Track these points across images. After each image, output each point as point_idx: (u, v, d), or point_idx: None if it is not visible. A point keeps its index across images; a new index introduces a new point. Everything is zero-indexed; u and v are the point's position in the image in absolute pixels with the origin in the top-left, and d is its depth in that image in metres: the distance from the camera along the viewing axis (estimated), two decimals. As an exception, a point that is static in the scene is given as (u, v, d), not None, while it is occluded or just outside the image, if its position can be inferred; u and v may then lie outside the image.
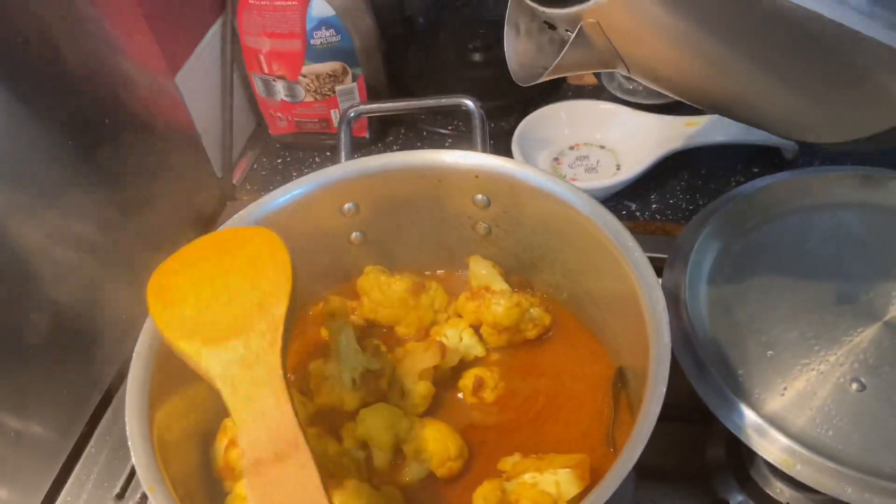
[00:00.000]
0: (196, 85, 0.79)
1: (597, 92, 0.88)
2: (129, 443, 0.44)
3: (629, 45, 0.41)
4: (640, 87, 0.79)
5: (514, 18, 0.47)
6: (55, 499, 0.60)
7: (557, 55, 0.42)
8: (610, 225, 0.53)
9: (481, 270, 0.61)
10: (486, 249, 0.63)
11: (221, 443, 0.53)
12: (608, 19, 0.37)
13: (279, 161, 0.90)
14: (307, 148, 0.89)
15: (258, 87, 0.84)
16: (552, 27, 0.45)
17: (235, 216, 0.56)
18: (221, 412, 0.55)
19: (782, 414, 0.51)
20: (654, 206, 0.79)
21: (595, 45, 0.41)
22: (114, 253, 0.69)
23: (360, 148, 0.86)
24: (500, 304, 0.59)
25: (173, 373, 0.50)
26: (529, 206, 0.58)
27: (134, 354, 0.48)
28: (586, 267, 0.57)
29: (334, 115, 0.84)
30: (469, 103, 0.61)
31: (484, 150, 0.60)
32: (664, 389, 0.42)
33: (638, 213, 0.78)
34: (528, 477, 0.48)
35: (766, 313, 0.58)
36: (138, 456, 0.43)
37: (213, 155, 0.83)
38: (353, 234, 0.63)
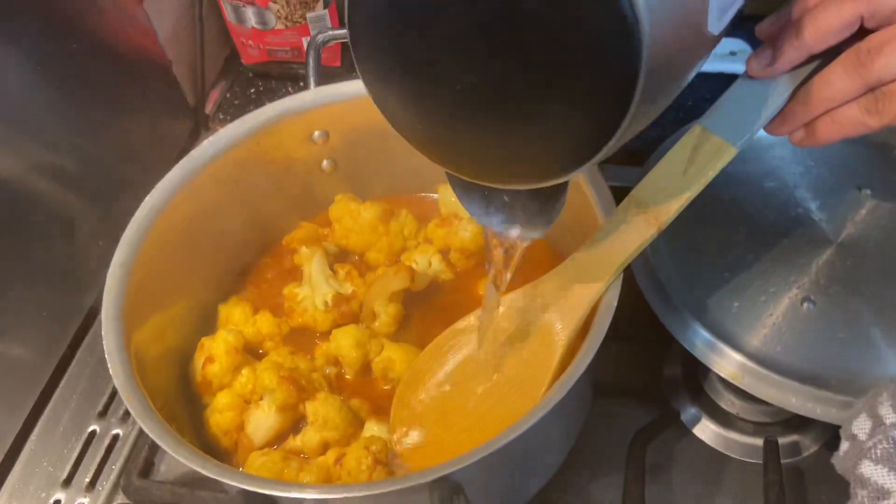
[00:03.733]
0: (165, 11, 0.78)
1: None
2: (107, 357, 0.46)
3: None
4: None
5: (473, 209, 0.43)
6: (38, 418, 0.62)
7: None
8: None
9: (450, 198, 0.62)
10: (454, 175, 0.64)
11: (199, 360, 0.55)
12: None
13: (252, 90, 0.89)
14: (280, 77, 0.89)
15: (228, 14, 0.82)
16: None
17: (205, 143, 0.56)
18: (198, 331, 0.57)
19: (735, 331, 0.54)
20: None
21: None
22: (90, 183, 0.69)
23: (333, 77, 0.85)
24: (467, 230, 0.60)
25: (149, 294, 0.52)
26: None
27: (108, 276, 0.50)
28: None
29: (306, 44, 0.83)
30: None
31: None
32: (611, 313, 0.44)
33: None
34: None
35: (724, 239, 0.60)
36: (115, 369, 0.45)
37: (185, 84, 0.82)
38: (324, 161, 0.63)
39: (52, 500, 0.58)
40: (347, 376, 0.56)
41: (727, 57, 0.78)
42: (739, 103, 0.44)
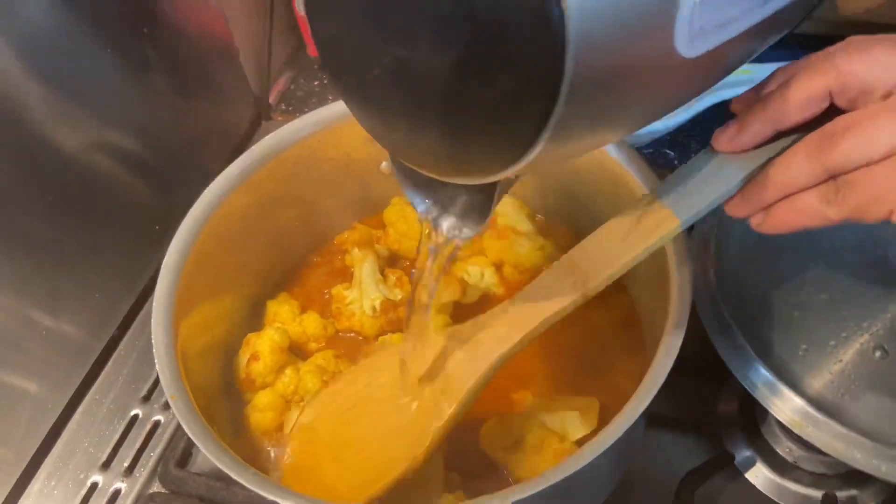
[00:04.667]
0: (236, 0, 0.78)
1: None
2: (155, 353, 0.45)
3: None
4: (692, 30, 0.75)
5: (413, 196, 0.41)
6: (83, 397, 0.63)
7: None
8: (644, 174, 0.51)
9: (509, 210, 0.61)
10: (516, 188, 0.62)
11: (244, 356, 0.54)
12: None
13: (316, 83, 0.89)
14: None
15: (298, 5, 0.82)
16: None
17: (266, 139, 0.56)
18: (245, 327, 0.57)
19: (800, 375, 0.51)
20: (692, 154, 0.76)
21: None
22: (149, 165, 0.70)
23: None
24: (523, 245, 0.59)
25: (200, 287, 0.52)
26: (563, 148, 0.57)
27: (162, 267, 0.50)
28: (613, 211, 0.56)
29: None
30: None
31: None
32: (675, 353, 0.42)
33: (677, 163, 0.76)
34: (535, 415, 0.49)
35: (797, 273, 0.57)
36: (162, 366, 0.45)
37: (251, 71, 0.82)
38: (383, 163, 0.62)
39: (89, 482, 0.58)
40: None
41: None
42: (697, 177, 0.41)
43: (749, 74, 0.76)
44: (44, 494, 0.58)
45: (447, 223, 0.40)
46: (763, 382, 0.50)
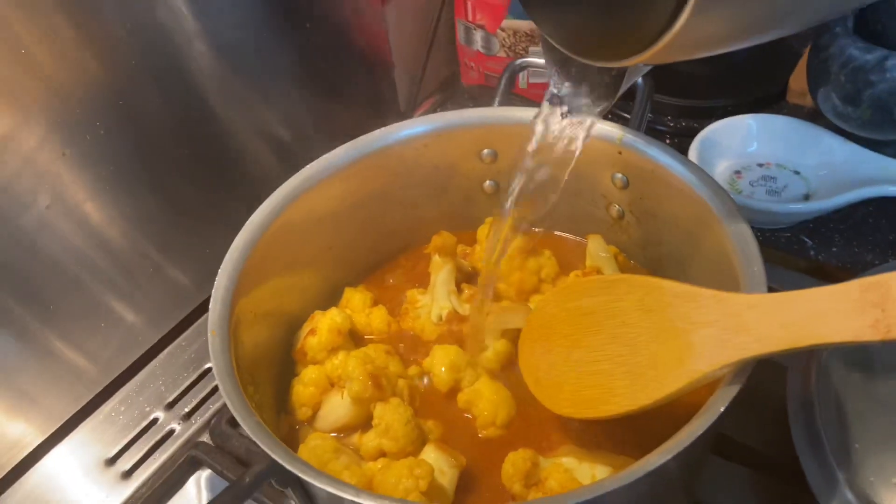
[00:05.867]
0: (403, 17, 0.83)
1: (813, 115, 0.79)
2: (214, 290, 0.48)
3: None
4: (857, 115, 0.69)
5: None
6: (172, 341, 0.68)
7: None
8: (747, 247, 0.46)
9: (599, 252, 0.58)
10: (614, 234, 0.60)
11: (305, 329, 0.56)
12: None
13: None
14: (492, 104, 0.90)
15: (460, 34, 0.86)
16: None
17: (376, 132, 0.58)
18: (319, 305, 0.59)
19: (894, 511, 0.44)
20: (834, 249, 0.69)
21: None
22: (286, 150, 0.74)
23: (540, 114, 0.85)
24: (608, 290, 0.55)
25: (279, 254, 0.55)
26: (668, 200, 0.54)
27: (247, 222, 0.53)
28: (709, 283, 0.51)
29: (522, 78, 0.84)
30: (638, 79, 0.58)
31: (638, 129, 0.56)
32: (708, 423, 0.37)
33: (813, 252, 0.69)
34: (565, 460, 0.46)
35: (914, 393, 0.49)
36: (216, 302, 0.47)
37: (402, 89, 0.86)
38: (487, 182, 0.63)
39: (152, 416, 0.62)
40: (442, 389, 0.54)
41: None
42: None
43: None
44: (111, 417, 0.62)
45: (579, 100, 0.49)
46: (844, 509, 0.44)
